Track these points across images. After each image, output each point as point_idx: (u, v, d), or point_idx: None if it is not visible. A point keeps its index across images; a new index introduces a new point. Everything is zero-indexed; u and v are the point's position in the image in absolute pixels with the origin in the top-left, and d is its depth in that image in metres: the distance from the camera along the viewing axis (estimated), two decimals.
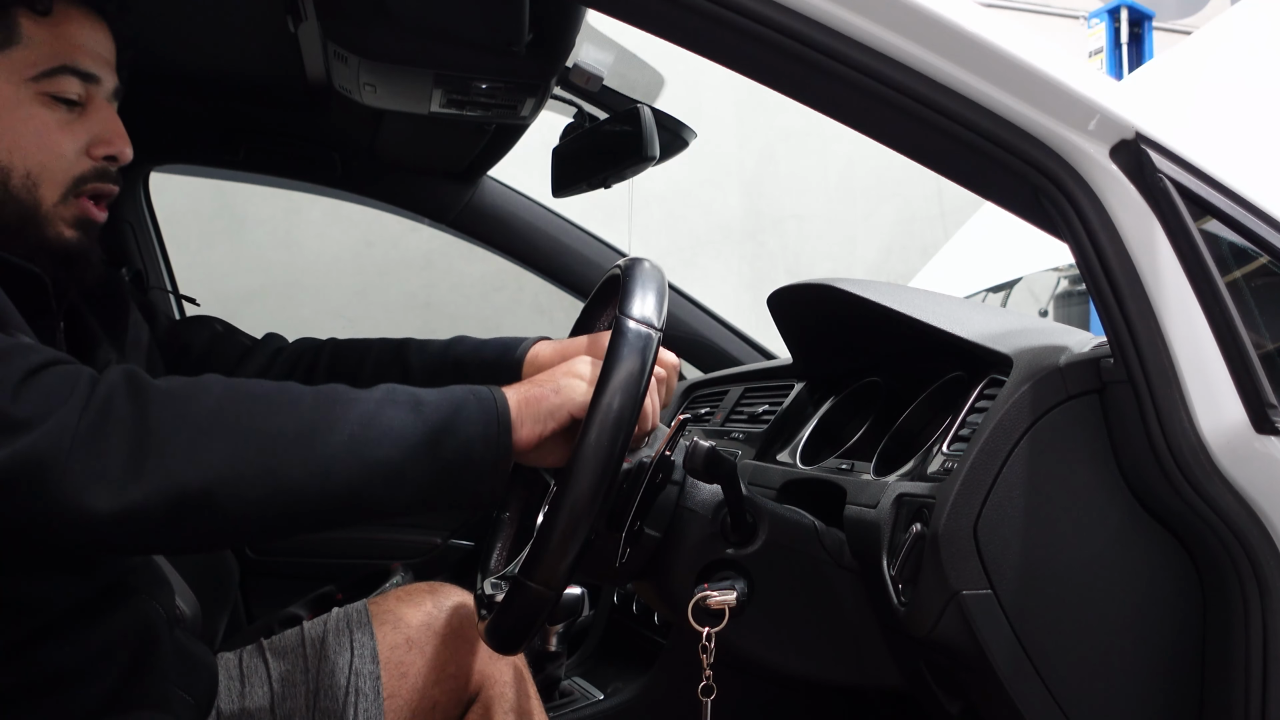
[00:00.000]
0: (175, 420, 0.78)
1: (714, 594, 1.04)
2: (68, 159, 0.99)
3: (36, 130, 0.97)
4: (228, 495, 0.78)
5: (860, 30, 0.92)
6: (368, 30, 1.43)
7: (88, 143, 1.00)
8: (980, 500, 0.97)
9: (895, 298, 1.24)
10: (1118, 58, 5.02)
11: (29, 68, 0.97)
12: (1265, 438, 0.95)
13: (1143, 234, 0.96)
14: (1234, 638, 0.96)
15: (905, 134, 0.99)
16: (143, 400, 0.78)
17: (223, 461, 0.78)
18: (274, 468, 0.79)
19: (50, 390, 0.77)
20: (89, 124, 1.01)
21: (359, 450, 0.82)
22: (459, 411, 0.86)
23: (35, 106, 0.97)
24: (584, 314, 1.17)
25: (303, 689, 1.19)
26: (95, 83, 1.01)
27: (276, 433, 0.80)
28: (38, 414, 0.75)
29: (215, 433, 0.78)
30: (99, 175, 1.01)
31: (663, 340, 0.93)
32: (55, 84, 0.98)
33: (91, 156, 1.01)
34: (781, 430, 1.57)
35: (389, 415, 0.84)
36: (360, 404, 0.84)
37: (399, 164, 2.10)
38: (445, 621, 1.25)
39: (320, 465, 0.81)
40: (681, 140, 1.86)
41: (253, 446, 0.79)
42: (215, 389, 0.81)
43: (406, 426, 0.84)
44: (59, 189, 0.99)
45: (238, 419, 0.79)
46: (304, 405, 0.82)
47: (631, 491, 1.00)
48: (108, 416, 0.76)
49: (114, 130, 1.02)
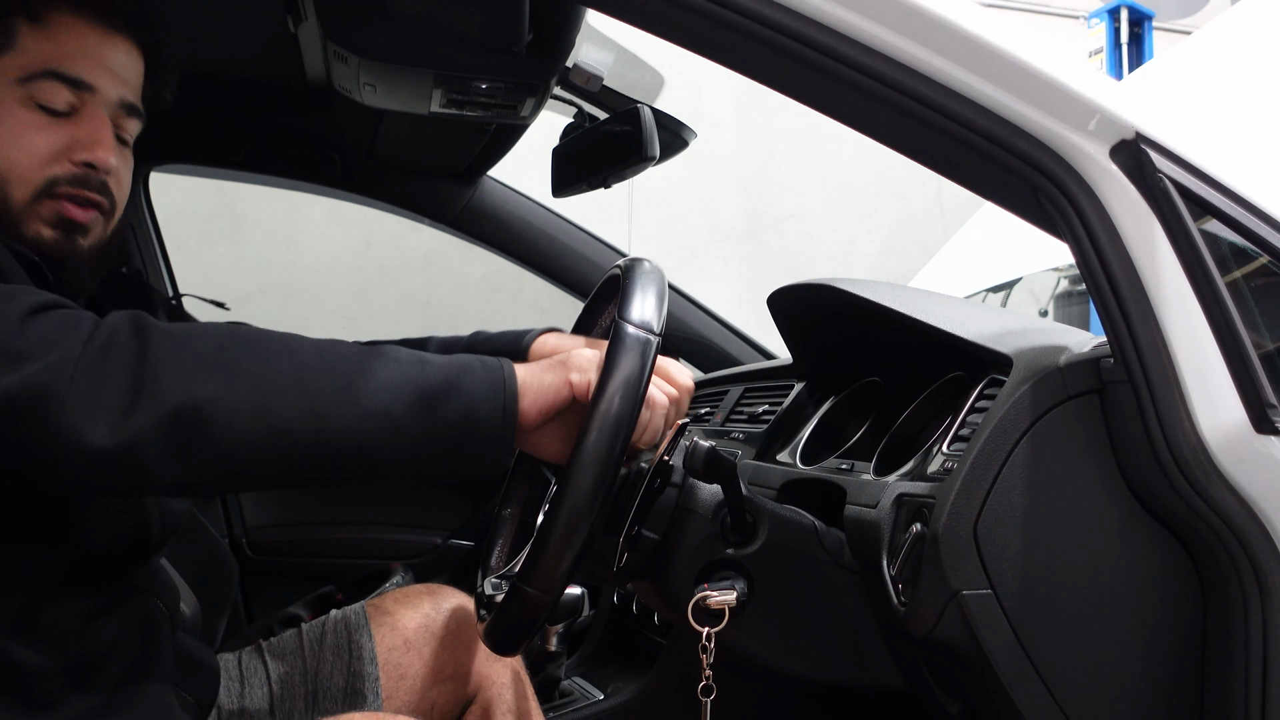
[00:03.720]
0: (174, 356, 0.79)
1: (714, 594, 1.04)
2: (39, 158, 0.99)
3: (11, 129, 0.98)
4: (222, 428, 0.78)
5: (860, 30, 0.92)
6: (368, 30, 1.43)
7: (67, 146, 1.01)
8: (980, 500, 0.97)
9: (895, 298, 1.24)
10: (1118, 58, 5.02)
11: (16, 70, 0.99)
12: (1265, 438, 0.95)
13: (1143, 234, 0.96)
14: (1234, 638, 0.96)
15: (905, 134, 0.99)
16: (144, 337, 0.79)
17: (217, 394, 0.78)
18: (268, 405, 0.80)
19: (54, 326, 0.78)
20: (73, 129, 1.01)
21: (356, 399, 0.82)
22: (464, 373, 0.86)
23: (16, 108, 0.99)
24: (584, 314, 1.17)
25: (301, 690, 1.19)
26: (89, 90, 1.01)
27: (273, 373, 0.81)
28: (41, 346, 0.77)
29: (212, 369, 0.79)
30: (75, 180, 1.01)
31: (663, 340, 0.93)
32: (40, 88, 0.99)
33: (71, 161, 1.01)
34: (781, 430, 1.57)
35: (390, 369, 0.84)
36: (362, 357, 0.85)
37: (399, 164, 2.10)
38: (443, 623, 1.25)
39: (315, 409, 0.81)
40: (681, 140, 1.86)
41: (247, 383, 0.80)
42: (218, 331, 0.82)
43: (408, 381, 0.84)
44: (29, 188, 0.99)
45: (235, 358, 0.80)
46: (304, 352, 0.83)
47: (630, 494, 1.00)
48: (109, 350, 0.78)
49: (95, 138, 1.02)
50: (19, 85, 0.99)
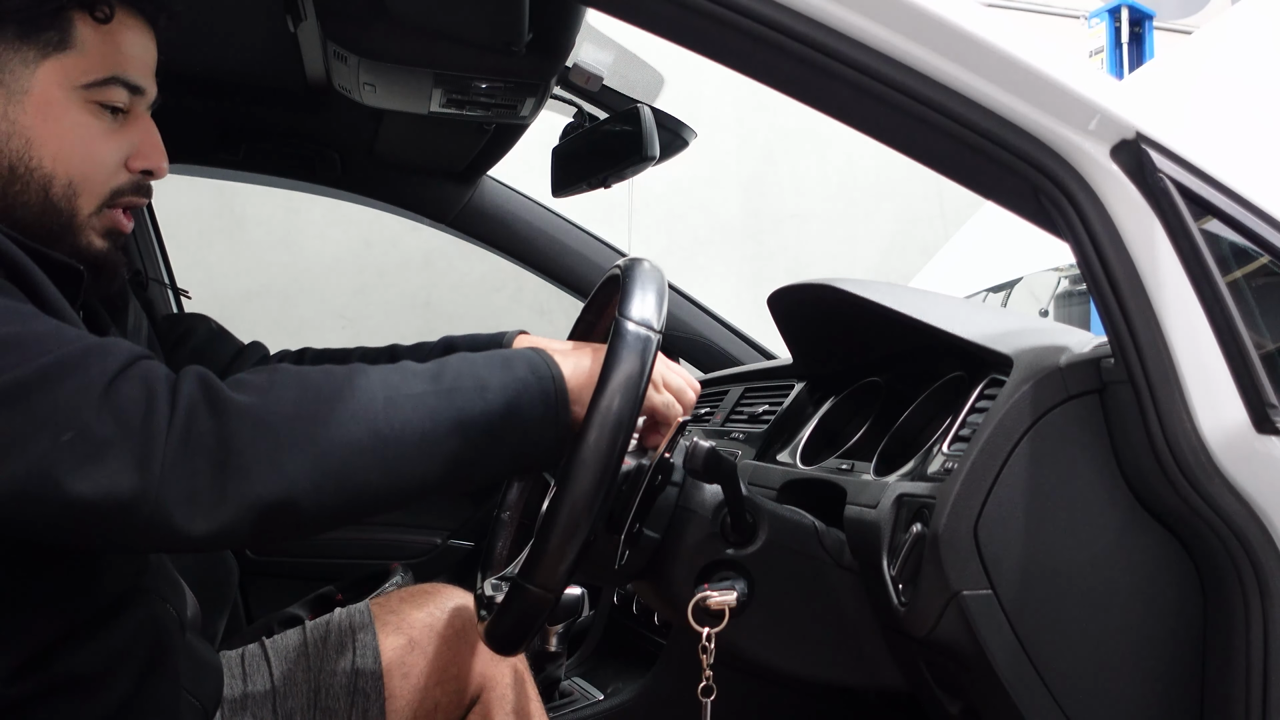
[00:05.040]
0: (254, 439, 0.78)
1: (714, 594, 1.03)
2: (108, 170, 0.97)
3: (82, 139, 0.95)
4: (310, 505, 0.80)
5: (861, 30, 0.92)
6: (368, 30, 1.43)
7: (127, 154, 0.99)
8: (980, 500, 0.97)
9: (895, 298, 1.24)
10: (1118, 58, 5.02)
11: (81, 74, 0.94)
12: (1266, 438, 0.94)
13: (1143, 234, 0.96)
14: (1234, 638, 0.96)
15: (905, 134, 0.99)
16: (221, 416, 0.78)
17: (304, 476, 0.79)
18: (351, 477, 0.81)
19: (132, 403, 0.76)
20: (129, 135, 0.99)
21: (429, 451, 0.84)
22: (522, 392, 0.89)
23: (83, 114, 0.95)
24: (584, 314, 1.17)
25: (305, 688, 1.19)
26: (140, 94, 1.00)
27: (352, 442, 0.81)
28: (122, 433, 0.75)
29: (293, 453, 0.79)
30: (134, 189, 1.00)
31: (663, 340, 0.93)
32: (104, 93, 0.96)
33: (129, 169, 0.99)
34: (781, 430, 1.57)
35: (459, 404, 0.86)
36: (435, 399, 0.86)
37: (399, 164, 2.10)
38: (447, 623, 1.25)
39: (393, 469, 0.83)
40: (681, 140, 1.86)
41: (329, 460, 0.80)
42: (290, 396, 0.82)
43: (475, 419, 0.86)
44: (96, 200, 0.97)
45: (313, 432, 0.80)
46: (376, 406, 0.83)
47: (630, 493, 0.99)
48: (190, 435, 0.76)
49: (153, 144, 1.00)
50: (83, 90, 0.95)
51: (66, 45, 0.93)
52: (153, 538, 0.77)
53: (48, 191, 0.94)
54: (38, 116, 0.93)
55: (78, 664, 0.91)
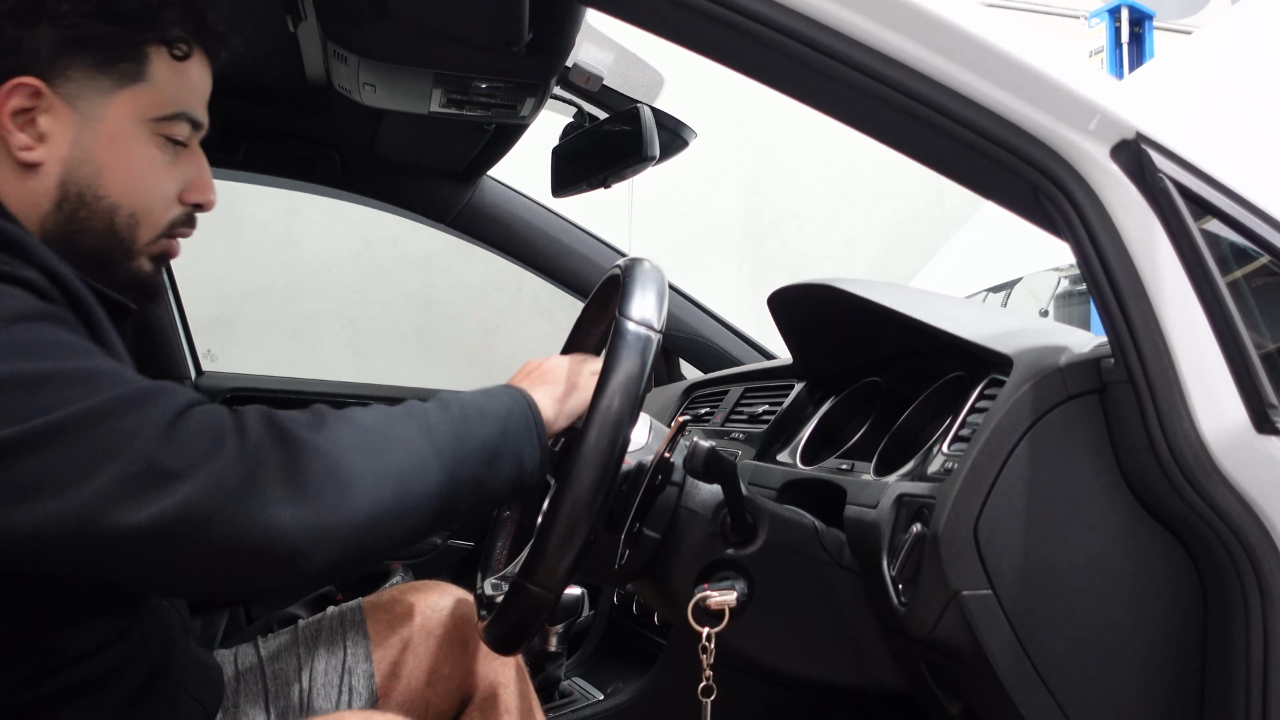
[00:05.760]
0: (323, 467, 0.80)
1: (714, 594, 1.03)
2: (167, 202, 0.99)
3: (147, 171, 0.97)
4: (381, 528, 0.82)
5: (860, 30, 0.92)
6: (368, 30, 1.42)
7: (182, 187, 1.01)
8: (980, 500, 0.97)
9: (896, 298, 1.24)
10: (1118, 58, 5.02)
11: (153, 108, 0.96)
12: (1266, 438, 0.94)
13: (1143, 234, 0.96)
14: (1234, 638, 0.96)
15: (905, 134, 0.99)
16: (290, 447, 0.79)
17: (372, 502, 0.81)
18: (410, 499, 0.84)
19: (199, 437, 0.77)
20: (185, 168, 1.01)
21: (459, 470, 0.88)
22: (509, 416, 0.93)
23: (149, 146, 0.97)
24: (584, 313, 1.17)
25: (296, 687, 1.19)
26: (199, 129, 1.02)
27: (406, 470, 0.84)
28: (190, 464, 0.75)
29: (358, 476, 0.81)
30: (186, 220, 1.02)
31: (663, 340, 0.93)
32: (171, 127, 0.98)
33: (182, 201, 1.01)
34: (781, 430, 1.57)
35: (471, 430, 0.90)
36: (448, 425, 0.89)
37: (399, 164, 2.10)
38: (441, 622, 1.25)
39: (445, 492, 0.87)
40: (681, 140, 1.86)
41: (389, 485, 0.83)
42: (342, 430, 0.84)
43: (484, 440, 0.90)
44: (154, 231, 0.99)
45: (372, 460, 0.83)
46: (413, 435, 0.87)
47: (631, 493, 1.00)
48: (260, 466, 0.77)
49: (206, 179, 1.03)
50: (152, 123, 0.97)
51: (141, 78, 0.95)
52: (214, 560, 0.76)
53: (112, 220, 0.95)
54: (108, 146, 0.94)
55: (86, 670, 0.91)
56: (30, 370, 0.75)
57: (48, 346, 0.77)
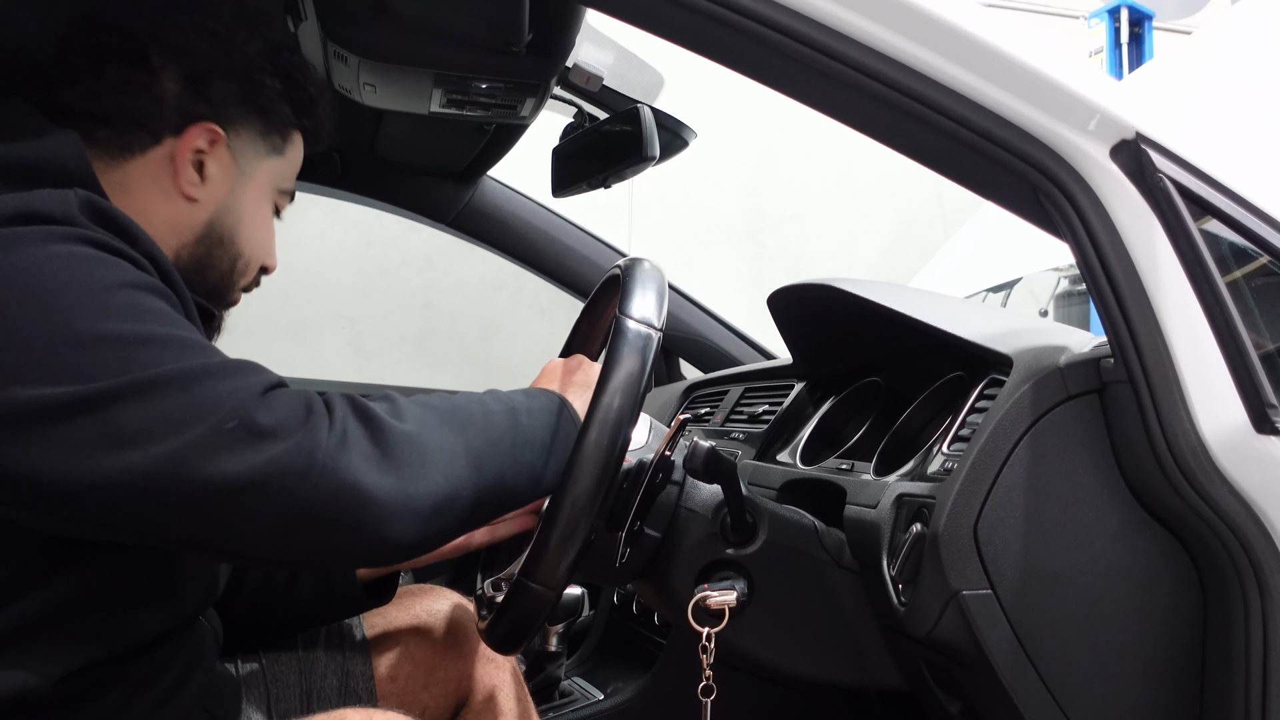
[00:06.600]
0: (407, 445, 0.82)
1: (714, 594, 1.04)
2: (268, 255, 1.11)
3: (264, 230, 1.09)
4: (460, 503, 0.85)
5: (860, 30, 0.92)
6: (368, 30, 1.42)
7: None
8: (980, 500, 0.97)
9: (895, 298, 1.24)
10: (1118, 58, 5.01)
11: (281, 178, 1.10)
12: (1265, 438, 0.95)
13: (1143, 234, 0.96)
14: (1234, 638, 0.96)
15: (905, 134, 0.99)
16: (374, 426, 0.82)
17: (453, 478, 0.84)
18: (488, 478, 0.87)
19: (292, 406, 0.79)
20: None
21: (519, 455, 0.90)
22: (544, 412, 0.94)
23: (269, 210, 1.10)
24: (584, 313, 1.17)
25: (296, 690, 1.19)
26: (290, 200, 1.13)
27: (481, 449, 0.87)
28: (283, 427, 0.77)
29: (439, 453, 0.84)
30: (255, 282, 1.12)
31: (663, 340, 0.93)
32: (284, 198, 1.12)
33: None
34: (781, 430, 1.57)
35: (520, 421, 0.92)
36: (502, 415, 0.91)
37: (399, 164, 2.10)
38: (436, 625, 1.25)
39: (512, 472, 0.89)
40: (681, 140, 1.86)
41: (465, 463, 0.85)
42: (415, 412, 0.86)
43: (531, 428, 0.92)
44: (246, 280, 1.10)
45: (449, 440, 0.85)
46: (478, 418, 0.89)
47: (631, 492, 1.00)
48: (348, 438, 0.79)
49: (274, 248, 1.13)
50: (276, 192, 1.09)
51: (281, 151, 1.09)
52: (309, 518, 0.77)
53: (234, 264, 1.07)
54: (250, 202, 1.06)
55: (119, 670, 0.89)
56: (131, 330, 0.78)
57: (150, 312, 0.80)
